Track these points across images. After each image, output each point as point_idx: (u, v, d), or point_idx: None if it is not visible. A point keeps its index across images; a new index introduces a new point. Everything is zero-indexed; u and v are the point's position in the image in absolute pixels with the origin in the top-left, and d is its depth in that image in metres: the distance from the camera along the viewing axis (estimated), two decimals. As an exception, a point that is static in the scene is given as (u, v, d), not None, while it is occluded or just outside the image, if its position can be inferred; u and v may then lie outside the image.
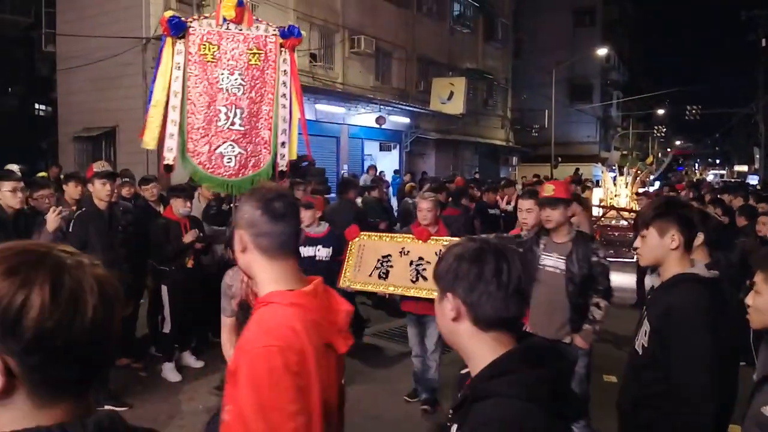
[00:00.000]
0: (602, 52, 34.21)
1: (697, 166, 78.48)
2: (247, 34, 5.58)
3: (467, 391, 1.54)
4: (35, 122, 22.72)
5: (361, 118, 21.10)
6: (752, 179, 37.56)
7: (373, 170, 17.20)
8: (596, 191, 18.09)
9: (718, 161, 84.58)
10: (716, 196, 10.51)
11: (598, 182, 22.85)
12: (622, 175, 17.58)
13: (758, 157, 38.32)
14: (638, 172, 17.31)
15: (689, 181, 25.75)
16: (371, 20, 21.71)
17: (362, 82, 21.65)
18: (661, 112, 51.54)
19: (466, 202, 9.02)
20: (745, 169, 52.41)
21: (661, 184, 17.44)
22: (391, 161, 23.27)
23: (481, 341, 1.55)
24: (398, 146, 23.89)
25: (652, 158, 35.75)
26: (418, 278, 5.51)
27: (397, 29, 23.24)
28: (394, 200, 16.08)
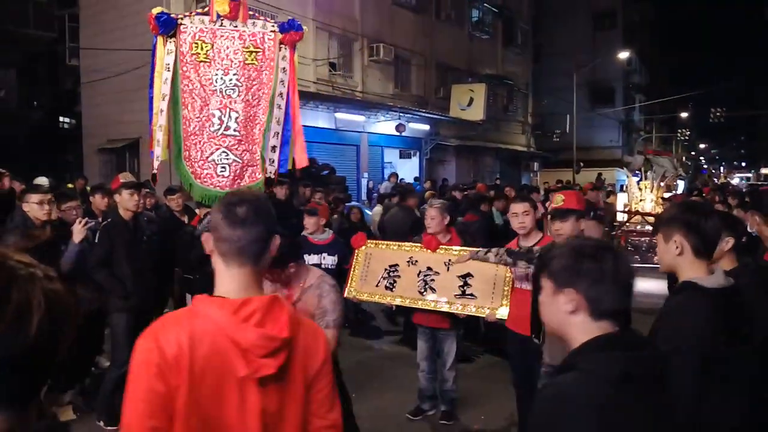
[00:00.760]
0: (623, 55, 33.93)
1: (722, 169, 77.52)
2: (243, 30, 5.11)
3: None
4: (61, 135, 23.05)
5: (380, 125, 21.14)
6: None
7: (394, 178, 17.19)
8: (620, 196, 17.87)
9: (743, 164, 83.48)
10: (743, 200, 10.33)
11: (622, 187, 22.60)
12: (646, 179, 17.30)
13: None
14: (663, 176, 17.07)
15: (714, 184, 25.37)
16: (390, 28, 21.76)
17: (381, 89, 21.69)
18: (684, 114, 50.91)
19: (485, 208, 8.93)
20: (772, 171, 51.62)
21: (685, 187, 17.16)
22: (411, 168, 23.24)
23: (590, 331, 1.68)
24: (418, 153, 23.88)
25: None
26: (426, 290, 5.30)
27: (415, 36, 23.26)
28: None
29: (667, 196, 14.65)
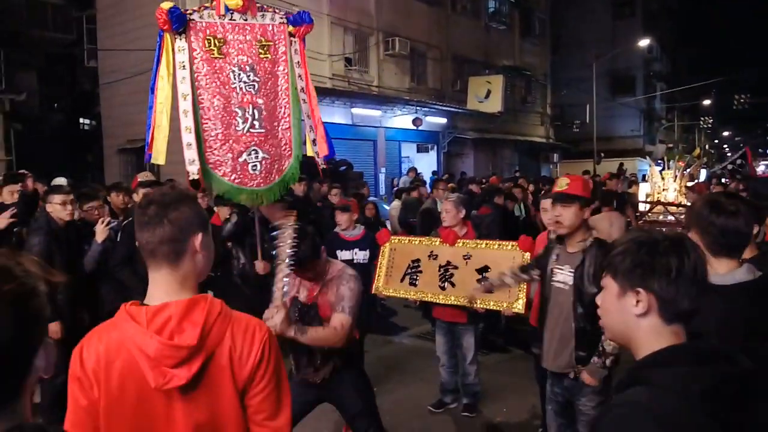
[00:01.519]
0: (644, 43, 33.41)
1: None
2: (253, 23, 4.93)
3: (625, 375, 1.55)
4: (81, 136, 23.30)
5: (397, 120, 21.09)
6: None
7: (413, 172, 17.13)
8: (643, 186, 17.65)
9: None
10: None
11: (644, 177, 22.30)
12: (669, 168, 17.02)
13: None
14: (686, 165, 16.76)
15: (737, 172, 24.87)
16: (405, 21, 21.67)
17: (398, 84, 21.62)
18: (707, 102, 50.19)
19: (499, 200, 8.87)
20: (798, 158, 50.71)
21: (708, 176, 16.87)
22: (428, 162, 23.19)
23: (661, 335, 1.53)
24: (436, 147, 23.81)
25: (699, 150, 34.79)
26: (446, 285, 5.27)
27: (431, 29, 23.15)
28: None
29: (690, 185, 14.41)
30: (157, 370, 1.67)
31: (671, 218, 12.99)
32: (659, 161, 21.81)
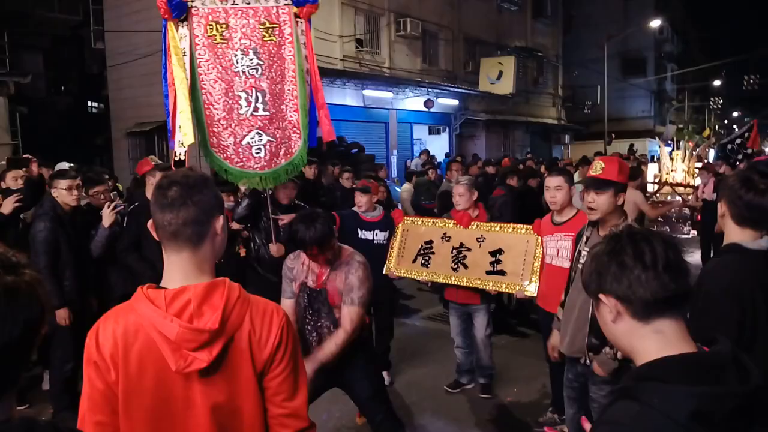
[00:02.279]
0: (655, 23, 33.08)
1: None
2: (256, 6, 4.94)
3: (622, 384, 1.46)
4: (89, 120, 23.17)
5: (409, 102, 20.91)
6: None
7: (425, 154, 16.96)
8: (651, 167, 17.48)
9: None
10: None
11: (653, 157, 22.11)
12: (678, 149, 16.85)
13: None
14: (695, 146, 16.57)
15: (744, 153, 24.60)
16: (416, 2, 21.37)
17: (409, 65, 21.38)
18: (717, 83, 49.80)
19: (512, 182, 8.73)
20: (809, 138, 50.27)
21: (716, 156, 16.66)
22: (440, 144, 23.03)
23: (643, 337, 1.45)
24: (447, 129, 23.66)
25: (708, 131, 34.50)
26: (458, 267, 5.29)
27: (443, 10, 22.84)
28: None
29: (698, 165, 14.27)
30: (177, 353, 1.67)
31: (679, 198, 12.91)
32: (669, 142, 21.59)
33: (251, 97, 4.94)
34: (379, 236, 5.79)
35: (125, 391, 1.70)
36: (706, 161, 15.83)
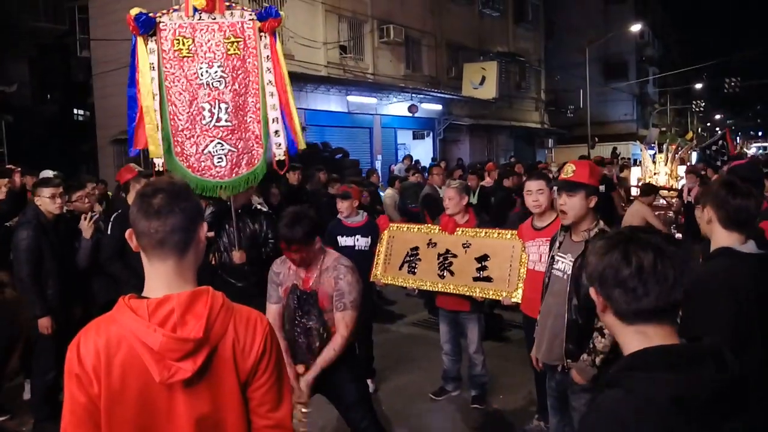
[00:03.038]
0: (636, 28, 33.42)
1: (737, 139, 76.35)
2: (221, 22, 5.09)
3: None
4: (75, 127, 23.12)
5: (393, 107, 21.04)
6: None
7: (408, 159, 17.10)
8: (634, 170, 17.67)
9: (760, 134, 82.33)
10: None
11: (636, 161, 22.32)
12: (661, 152, 17.04)
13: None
14: (677, 148, 16.77)
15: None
16: (399, 8, 21.56)
17: (393, 71, 21.56)
18: (699, 86, 50.22)
19: (509, 183, 8.85)
20: (789, 140, 50.78)
21: (698, 158, 16.90)
22: (424, 149, 23.18)
23: (624, 333, 1.54)
24: (431, 134, 23.78)
25: (691, 134, 34.88)
26: (445, 273, 5.23)
27: (425, 16, 23.06)
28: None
29: (683, 168, 14.45)
30: (161, 363, 1.65)
31: (662, 202, 13.01)
32: (652, 145, 21.82)
33: (215, 108, 5.04)
34: (360, 242, 5.73)
35: (107, 403, 1.68)
36: (689, 164, 16.05)
